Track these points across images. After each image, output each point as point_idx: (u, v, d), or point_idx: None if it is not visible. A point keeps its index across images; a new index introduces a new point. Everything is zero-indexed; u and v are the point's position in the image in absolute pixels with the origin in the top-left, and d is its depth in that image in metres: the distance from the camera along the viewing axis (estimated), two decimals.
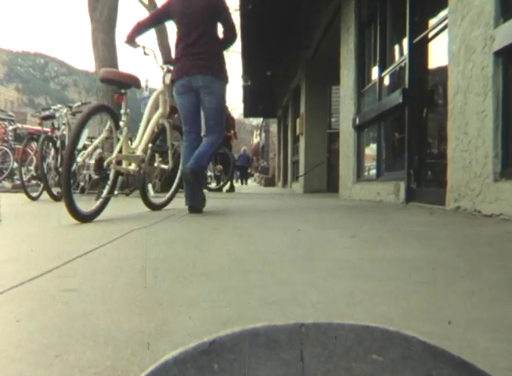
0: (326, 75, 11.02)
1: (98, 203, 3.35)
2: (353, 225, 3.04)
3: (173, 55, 4.32)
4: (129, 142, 3.89)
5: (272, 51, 11.49)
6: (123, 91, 3.79)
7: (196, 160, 3.77)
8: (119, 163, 3.63)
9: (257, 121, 42.19)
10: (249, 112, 22.54)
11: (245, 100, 19.08)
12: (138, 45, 4.17)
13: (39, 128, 8.00)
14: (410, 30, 5.04)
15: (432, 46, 4.75)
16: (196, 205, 3.82)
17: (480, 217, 3.13)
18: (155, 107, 4.18)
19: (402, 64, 5.44)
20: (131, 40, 4.09)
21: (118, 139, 3.61)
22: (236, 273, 1.47)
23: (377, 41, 6.35)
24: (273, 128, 29.89)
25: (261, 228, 2.81)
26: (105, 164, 3.39)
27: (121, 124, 3.66)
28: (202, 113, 4.11)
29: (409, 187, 4.87)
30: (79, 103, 7.98)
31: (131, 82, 3.84)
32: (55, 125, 7.29)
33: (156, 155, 4.32)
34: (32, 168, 7.29)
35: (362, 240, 2.25)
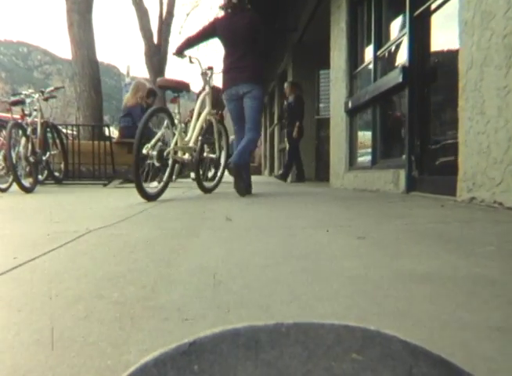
0: (314, 59, 10.63)
1: (160, 186, 4.09)
2: (357, 221, 2.56)
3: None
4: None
5: None
6: (176, 95, 4.50)
7: (238, 156, 4.47)
8: (175, 153, 4.41)
9: None
10: None
11: None
12: (185, 56, 4.84)
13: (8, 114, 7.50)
14: (410, 1, 4.57)
15: (436, 19, 4.28)
16: (244, 189, 4.43)
17: (502, 210, 2.69)
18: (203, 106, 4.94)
19: (401, 41, 4.98)
20: (180, 52, 4.80)
21: (174, 134, 4.37)
22: (210, 307, 1.00)
23: (372, 17, 5.87)
24: None
25: (247, 229, 2.34)
26: (165, 154, 4.16)
27: (176, 121, 4.39)
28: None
29: (410, 175, 4.43)
30: (52, 88, 7.60)
31: (183, 88, 4.54)
32: (26, 112, 6.86)
33: (205, 146, 5.17)
34: (0, 156, 6.77)
35: (374, 243, 1.79)
